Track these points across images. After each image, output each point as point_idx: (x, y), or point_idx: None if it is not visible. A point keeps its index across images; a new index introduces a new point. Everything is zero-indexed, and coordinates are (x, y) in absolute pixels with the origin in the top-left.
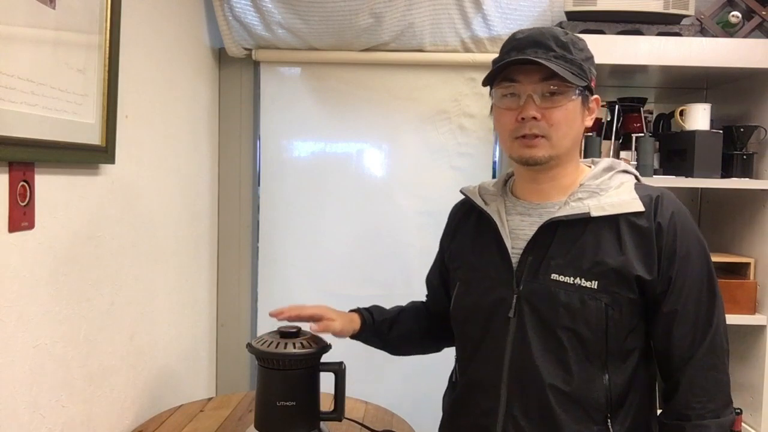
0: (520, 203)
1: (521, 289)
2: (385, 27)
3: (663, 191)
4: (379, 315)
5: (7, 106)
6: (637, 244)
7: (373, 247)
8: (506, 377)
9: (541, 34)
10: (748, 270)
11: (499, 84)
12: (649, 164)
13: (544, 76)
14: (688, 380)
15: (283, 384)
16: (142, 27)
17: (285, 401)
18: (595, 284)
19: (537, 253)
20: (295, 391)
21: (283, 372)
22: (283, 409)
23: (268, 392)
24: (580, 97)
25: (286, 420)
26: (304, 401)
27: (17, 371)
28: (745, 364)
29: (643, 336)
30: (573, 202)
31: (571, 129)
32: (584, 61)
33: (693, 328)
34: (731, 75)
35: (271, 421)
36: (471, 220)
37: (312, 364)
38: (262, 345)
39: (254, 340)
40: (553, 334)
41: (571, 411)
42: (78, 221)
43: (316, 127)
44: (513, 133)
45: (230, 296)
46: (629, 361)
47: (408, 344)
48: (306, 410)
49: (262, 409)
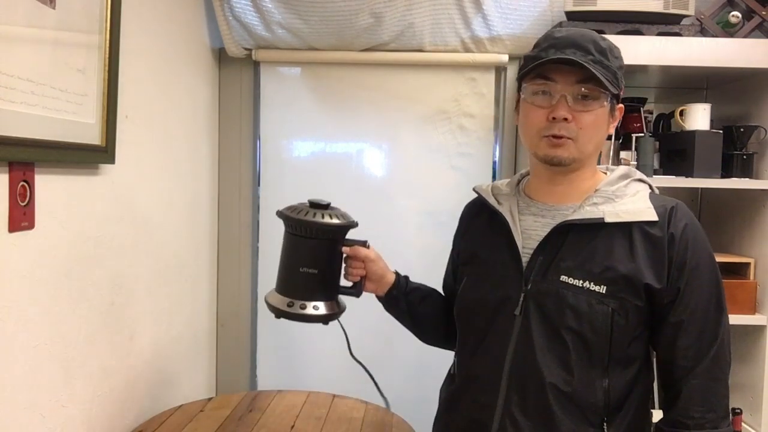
0: (534, 204)
1: (529, 288)
2: (385, 27)
3: (678, 203)
4: (412, 283)
5: (7, 106)
6: (649, 252)
7: (373, 246)
8: (506, 373)
9: (582, 36)
10: (748, 270)
11: (533, 80)
12: (649, 164)
13: (580, 79)
14: (690, 390)
15: (309, 251)
16: (142, 27)
17: (308, 268)
18: (604, 289)
19: (548, 254)
20: (319, 259)
21: (311, 240)
22: (305, 276)
23: (294, 257)
24: (609, 104)
25: (307, 286)
26: (326, 270)
27: (17, 371)
28: (745, 364)
29: (645, 344)
30: (588, 206)
31: (597, 134)
32: (618, 69)
33: (698, 339)
34: (731, 75)
35: (292, 285)
36: (482, 218)
37: (337, 237)
38: (293, 212)
39: (285, 208)
40: (558, 334)
41: (569, 411)
42: (78, 221)
43: (316, 127)
44: (541, 131)
45: (230, 296)
46: (630, 368)
47: (433, 327)
48: (327, 280)
49: (285, 273)
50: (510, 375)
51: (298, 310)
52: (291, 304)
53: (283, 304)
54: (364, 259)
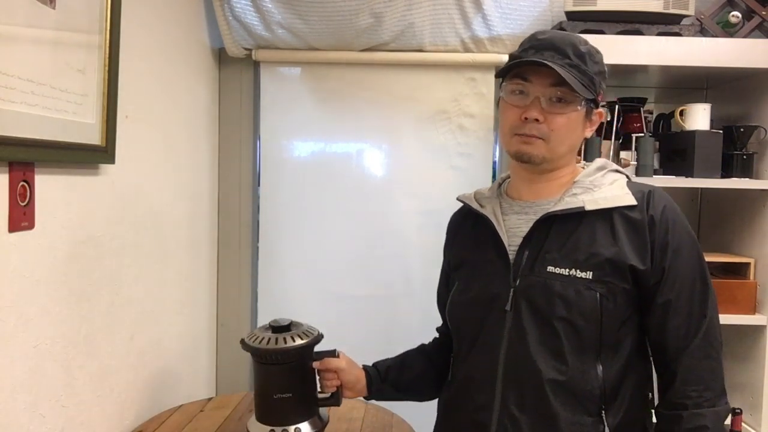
0: (516, 203)
1: (518, 283)
2: (385, 27)
3: (654, 187)
4: (383, 364)
5: (7, 106)
6: (631, 235)
7: (373, 246)
8: (501, 371)
9: (561, 40)
10: (748, 270)
11: (511, 79)
12: (649, 164)
13: (554, 82)
14: (684, 370)
15: (280, 377)
16: (142, 27)
17: (282, 393)
18: (590, 275)
19: (533, 248)
20: (291, 383)
21: (279, 366)
22: (281, 401)
23: (265, 386)
24: (584, 108)
25: (285, 411)
26: (301, 391)
27: (17, 371)
28: (745, 364)
29: (635, 328)
30: (567, 197)
31: (569, 137)
32: (596, 74)
33: (687, 318)
34: (731, 75)
35: (270, 413)
36: (468, 224)
37: (305, 355)
38: (255, 341)
39: (247, 336)
40: (549, 324)
41: (567, 402)
42: (78, 221)
43: (316, 127)
44: (513, 129)
45: (230, 296)
46: (621, 352)
47: (427, 384)
48: (304, 399)
49: (261, 401)
50: (505, 372)
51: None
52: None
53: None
54: (336, 369)
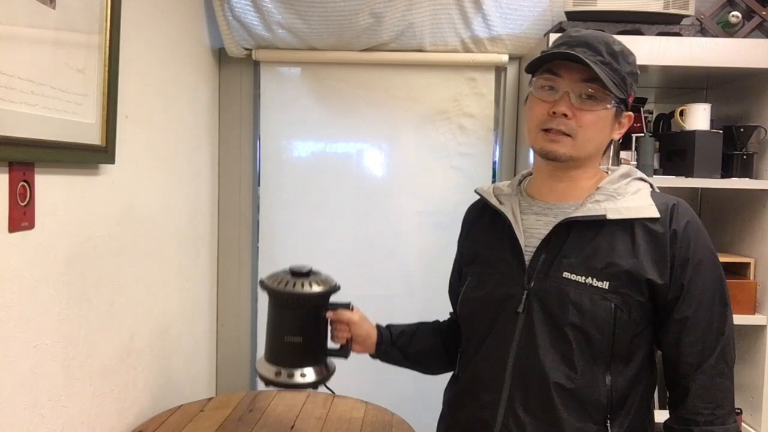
0: (535, 203)
1: (532, 285)
2: (385, 27)
3: (679, 201)
4: (396, 328)
5: (7, 106)
6: (651, 248)
7: (373, 246)
8: (510, 371)
9: (595, 38)
10: (748, 270)
11: (541, 75)
12: (649, 164)
13: (585, 77)
14: (697, 387)
15: (292, 320)
16: (142, 27)
17: (293, 337)
18: (606, 285)
19: (550, 252)
20: (303, 328)
21: (293, 310)
22: (290, 345)
23: (278, 327)
24: (614, 108)
25: (294, 354)
26: (311, 338)
27: (17, 371)
28: (745, 364)
29: (647, 342)
30: (590, 203)
31: (597, 135)
32: (628, 74)
33: (704, 336)
34: (731, 75)
35: (279, 354)
36: (485, 219)
37: (320, 303)
38: (273, 282)
39: (267, 276)
40: (561, 331)
41: (573, 408)
42: (78, 221)
43: (316, 127)
44: (540, 124)
45: (230, 296)
46: (632, 365)
47: (434, 358)
48: (313, 346)
49: (272, 342)
50: (513, 373)
51: (285, 379)
52: (279, 373)
53: (271, 373)
54: (347, 322)
